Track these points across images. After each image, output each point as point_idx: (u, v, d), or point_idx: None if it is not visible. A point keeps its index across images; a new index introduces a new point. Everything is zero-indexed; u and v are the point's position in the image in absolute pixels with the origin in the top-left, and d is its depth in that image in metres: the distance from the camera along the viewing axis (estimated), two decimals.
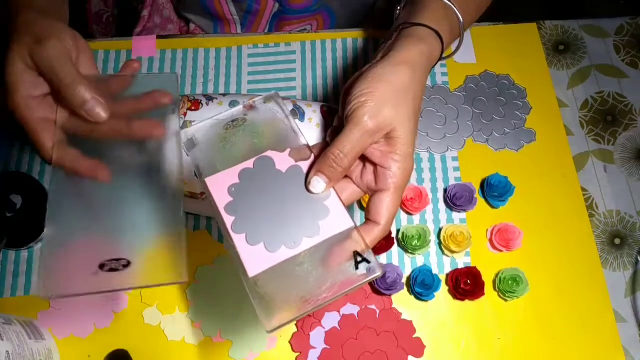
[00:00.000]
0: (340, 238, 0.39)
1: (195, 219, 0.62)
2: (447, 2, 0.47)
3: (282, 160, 0.42)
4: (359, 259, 0.38)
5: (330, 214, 0.40)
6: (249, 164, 0.42)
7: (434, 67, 0.46)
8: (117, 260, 0.38)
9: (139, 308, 0.58)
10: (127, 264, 0.38)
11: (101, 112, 0.40)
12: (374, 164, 0.41)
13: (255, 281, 0.37)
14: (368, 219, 0.41)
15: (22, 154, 0.64)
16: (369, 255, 0.38)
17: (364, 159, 0.42)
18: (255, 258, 0.38)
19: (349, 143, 0.39)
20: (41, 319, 0.57)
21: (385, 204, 0.40)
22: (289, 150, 0.42)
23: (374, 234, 0.40)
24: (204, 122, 0.44)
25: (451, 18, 0.48)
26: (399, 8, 0.51)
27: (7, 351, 0.48)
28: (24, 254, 0.60)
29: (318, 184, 0.40)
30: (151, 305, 0.58)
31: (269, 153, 0.42)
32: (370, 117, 0.39)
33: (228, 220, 0.39)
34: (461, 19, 0.48)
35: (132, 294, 0.58)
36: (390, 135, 0.40)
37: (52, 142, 0.39)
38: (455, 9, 0.47)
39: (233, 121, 0.44)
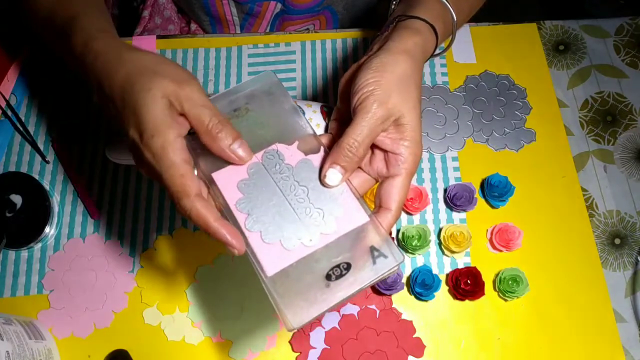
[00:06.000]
0: (357, 232, 0.39)
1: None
2: (448, 5, 0.48)
3: (291, 154, 0.41)
4: (376, 253, 0.38)
5: (345, 209, 0.39)
6: (257, 157, 0.41)
7: (426, 61, 0.47)
8: (338, 266, 0.37)
9: (139, 308, 0.58)
10: (348, 267, 0.37)
11: (244, 154, 0.39)
12: (384, 151, 0.42)
13: (274, 280, 0.37)
14: (380, 206, 0.41)
15: (22, 154, 0.64)
16: (385, 249, 0.38)
17: (372, 146, 0.43)
18: (272, 256, 0.37)
19: (362, 132, 0.40)
20: (41, 319, 0.57)
21: (396, 189, 0.41)
22: (297, 142, 0.42)
23: (387, 221, 0.40)
24: None
25: (445, 16, 0.48)
26: (394, 3, 0.52)
27: (7, 351, 0.48)
28: (24, 254, 0.60)
29: (334, 175, 0.40)
30: (151, 305, 0.58)
31: (277, 146, 0.41)
32: (379, 105, 0.40)
33: (240, 217, 0.39)
34: (455, 17, 0.48)
35: (131, 294, 0.58)
36: (399, 122, 0.41)
37: (196, 189, 0.37)
38: (450, 7, 0.48)
39: (235, 110, 0.43)
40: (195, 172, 0.40)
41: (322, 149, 0.42)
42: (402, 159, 0.41)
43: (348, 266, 0.38)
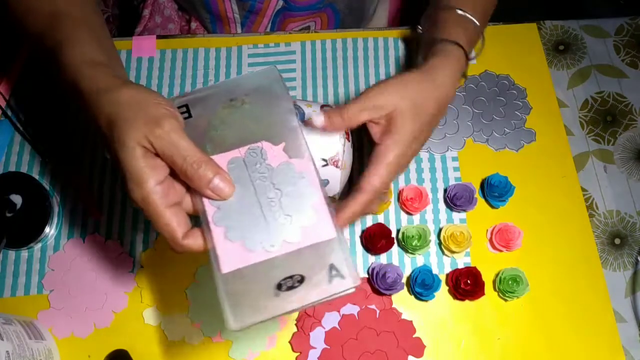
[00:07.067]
0: (321, 247, 0.38)
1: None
2: (467, 15, 0.53)
3: (275, 154, 0.40)
4: (334, 272, 0.37)
5: (314, 220, 0.39)
6: (240, 152, 0.40)
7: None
8: (291, 277, 0.37)
9: (139, 308, 0.58)
10: (302, 280, 0.37)
11: (226, 189, 0.38)
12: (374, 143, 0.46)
13: (227, 278, 0.37)
14: (354, 188, 0.44)
15: (22, 154, 0.64)
16: (344, 270, 0.38)
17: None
18: (231, 254, 0.37)
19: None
20: (41, 319, 0.57)
21: (377, 169, 0.44)
22: (283, 144, 0.41)
23: (357, 201, 0.43)
24: (201, 93, 0.42)
25: (470, 27, 0.53)
26: (420, 27, 0.56)
27: (7, 351, 0.48)
28: (24, 254, 0.60)
29: (318, 117, 0.44)
30: (151, 305, 0.58)
31: (262, 144, 0.41)
32: (375, 94, 0.45)
33: (210, 210, 0.39)
34: (482, 33, 0.54)
35: (131, 294, 0.58)
36: (391, 117, 0.45)
37: (183, 229, 0.38)
38: (474, 20, 0.53)
39: (232, 100, 0.42)
40: None
41: (307, 154, 0.41)
42: (383, 149, 0.45)
43: (302, 279, 0.37)
